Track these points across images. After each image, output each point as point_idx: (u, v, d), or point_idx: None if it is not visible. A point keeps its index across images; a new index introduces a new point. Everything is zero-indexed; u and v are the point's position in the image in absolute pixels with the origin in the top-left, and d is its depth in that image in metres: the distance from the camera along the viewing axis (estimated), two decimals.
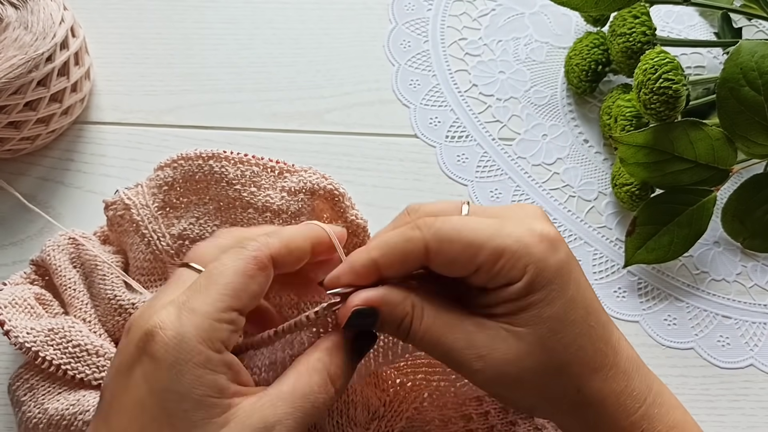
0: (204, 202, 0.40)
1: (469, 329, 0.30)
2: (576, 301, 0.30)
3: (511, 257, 0.29)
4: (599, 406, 0.30)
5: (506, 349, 0.29)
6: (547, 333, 0.29)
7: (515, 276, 0.29)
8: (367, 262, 0.29)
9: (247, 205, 0.39)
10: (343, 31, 0.57)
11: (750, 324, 0.47)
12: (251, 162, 0.39)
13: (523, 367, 0.29)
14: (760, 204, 0.46)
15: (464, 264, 0.29)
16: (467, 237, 0.29)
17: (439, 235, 0.29)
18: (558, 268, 0.29)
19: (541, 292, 0.29)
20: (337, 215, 0.39)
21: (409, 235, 0.29)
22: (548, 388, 0.30)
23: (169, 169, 0.40)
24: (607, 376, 0.30)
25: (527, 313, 0.29)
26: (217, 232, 0.34)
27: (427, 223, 0.29)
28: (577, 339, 0.30)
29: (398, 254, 0.29)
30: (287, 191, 0.38)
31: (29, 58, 0.43)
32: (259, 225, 0.38)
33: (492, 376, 0.29)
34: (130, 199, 0.41)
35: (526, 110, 0.54)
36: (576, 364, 0.30)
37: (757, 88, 0.42)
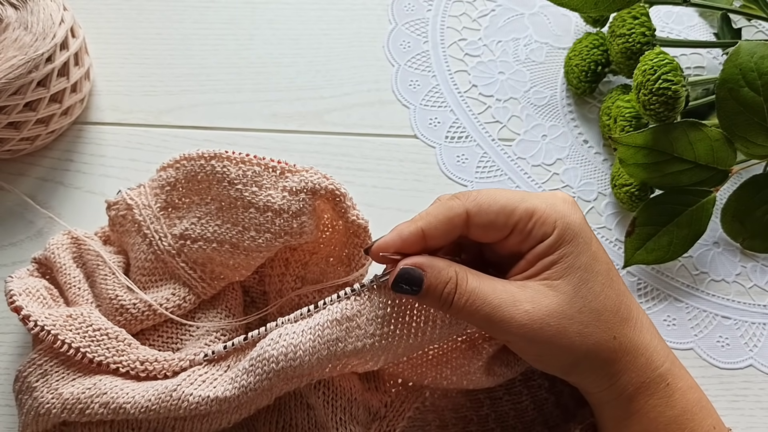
0: (206, 202, 0.40)
1: (512, 289, 0.32)
2: (598, 256, 0.33)
3: (542, 215, 0.32)
4: (631, 355, 0.32)
5: (548, 301, 0.32)
6: (579, 282, 0.32)
7: (547, 231, 0.32)
8: (415, 229, 0.32)
9: (248, 205, 0.39)
10: (342, 31, 0.57)
11: (749, 324, 0.47)
12: (253, 162, 0.39)
13: (564, 316, 0.32)
14: (760, 204, 0.46)
15: (501, 225, 0.32)
16: (501, 201, 0.32)
17: (478, 201, 0.32)
18: (581, 224, 0.33)
19: (571, 244, 0.32)
20: (338, 215, 0.39)
21: (450, 204, 0.33)
22: (589, 335, 0.32)
23: (171, 169, 0.41)
24: (635, 327, 0.33)
25: (561, 264, 0.32)
26: None
27: (465, 194, 0.33)
28: (604, 289, 0.32)
29: (442, 221, 0.32)
30: (288, 191, 0.38)
31: (29, 59, 0.43)
32: (261, 224, 0.39)
33: (537, 330, 0.31)
34: (132, 200, 0.41)
35: (525, 111, 0.54)
36: (608, 312, 0.32)
37: (757, 88, 0.42)
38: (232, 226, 0.39)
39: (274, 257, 0.42)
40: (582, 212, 0.34)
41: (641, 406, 0.33)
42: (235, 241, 0.39)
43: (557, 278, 0.32)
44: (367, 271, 0.41)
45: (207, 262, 0.40)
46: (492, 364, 0.37)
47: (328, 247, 0.41)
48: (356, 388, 0.39)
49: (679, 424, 0.33)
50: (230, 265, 0.40)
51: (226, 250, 0.39)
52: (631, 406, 0.33)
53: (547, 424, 0.40)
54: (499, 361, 0.37)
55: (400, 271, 0.32)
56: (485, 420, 0.40)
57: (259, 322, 0.42)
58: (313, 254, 0.41)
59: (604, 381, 0.33)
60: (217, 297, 0.41)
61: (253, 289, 0.44)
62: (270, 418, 0.39)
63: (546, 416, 0.40)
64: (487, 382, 0.37)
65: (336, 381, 0.38)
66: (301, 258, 0.42)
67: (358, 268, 0.40)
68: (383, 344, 0.33)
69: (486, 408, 0.41)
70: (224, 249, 0.39)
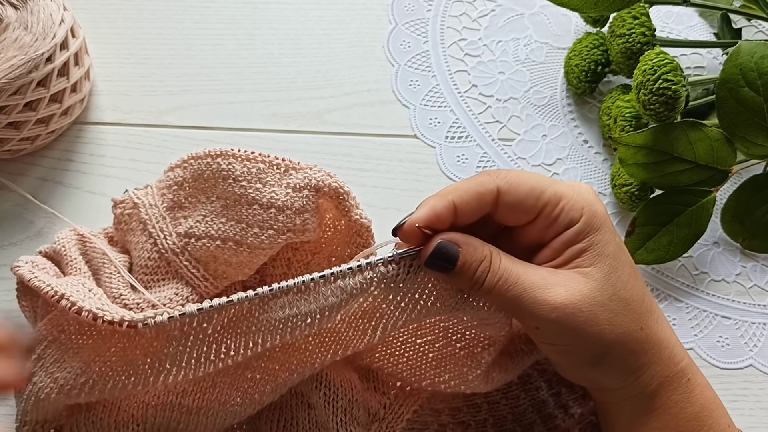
0: (211, 200, 0.40)
1: (544, 273, 0.32)
2: (622, 247, 0.33)
3: (570, 199, 0.32)
4: (657, 347, 0.32)
5: (581, 287, 0.31)
6: (609, 270, 0.32)
7: (574, 217, 0.32)
8: (447, 203, 0.31)
9: (252, 201, 0.39)
10: (342, 31, 0.57)
11: (749, 324, 0.47)
12: (258, 159, 0.39)
13: (596, 303, 0.31)
14: (760, 204, 0.46)
15: (530, 207, 0.32)
16: (531, 182, 0.32)
17: (509, 179, 0.32)
18: (605, 214, 0.33)
19: (599, 232, 0.32)
20: (341, 214, 0.39)
21: (481, 179, 0.32)
22: (618, 323, 0.31)
23: (179, 169, 0.41)
24: (657, 319, 0.33)
25: (591, 252, 0.32)
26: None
27: (494, 171, 0.33)
28: (630, 279, 0.32)
29: (473, 196, 0.32)
30: (292, 188, 0.38)
31: (29, 59, 0.43)
32: (264, 220, 0.39)
33: (569, 315, 0.31)
34: (139, 199, 0.41)
35: (525, 111, 0.54)
36: (635, 301, 0.32)
37: (757, 88, 0.42)
38: (236, 223, 0.39)
39: (276, 257, 0.42)
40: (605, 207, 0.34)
41: (663, 402, 0.33)
42: (239, 238, 0.39)
43: (588, 265, 0.32)
44: None
45: (210, 260, 0.40)
46: (490, 371, 0.37)
47: (330, 247, 0.41)
48: (357, 389, 0.39)
49: (699, 420, 0.33)
50: (233, 263, 0.40)
51: (229, 248, 0.39)
52: (653, 402, 0.33)
53: (546, 426, 0.40)
54: (498, 367, 0.37)
55: (438, 246, 0.31)
56: (483, 424, 0.40)
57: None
58: (315, 254, 0.41)
59: (629, 375, 0.33)
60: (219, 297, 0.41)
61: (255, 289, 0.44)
62: (272, 416, 0.39)
63: (545, 418, 0.40)
64: (485, 387, 0.38)
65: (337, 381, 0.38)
66: (303, 258, 0.42)
67: None
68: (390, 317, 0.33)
69: (484, 412, 0.41)
70: (228, 246, 0.39)
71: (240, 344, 0.33)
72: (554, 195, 0.32)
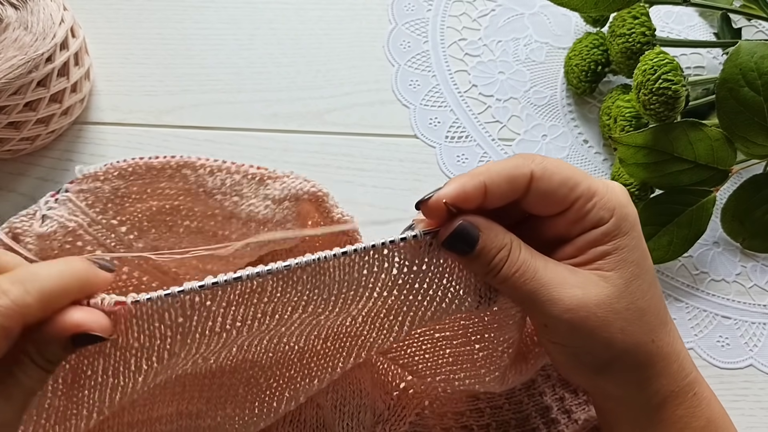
0: (174, 207, 0.38)
1: (563, 271, 0.31)
2: (647, 255, 0.32)
3: (603, 197, 0.31)
4: (665, 361, 0.31)
5: (598, 291, 0.30)
6: (631, 277, 0.31)
7: (605, 216, 0.31)
8: (478, 183, 0.30)
9: (229, 215, 0.37)
10: (342, 31, 0.57)
11: (749, 324, 0.47)
12: (230, 170, 0.37)
13: (611, 309, 0.30)
14: (760, 204, 0.46)
15: (561, 198, 0.31)
16: (566, 172, 0.31)
17: (543, 165, 0.30)
18: (636, 217, 0.32)
19: (627, 236, 0.31)
20: (323, 216, 0.38)
21: (516, 162, 0.30)
22: (631, 334, 0.31)
23: (118, 179, 0.37)
24: (670, 331, 0.32)
25: (615, 256, 0.31)
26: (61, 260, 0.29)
27: (530, 155, 0.31)
28: (650, 288, 0.31)
29: (505, 179, 0.30)
30: (272, 200, 0.37)
31: (29, 59, 0.43)
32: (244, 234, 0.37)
33: (582, 318, 0.30)
34: (71, 221, 0.37)
35: (525, 111, 0.54)
36: (651, 313, 0.31)
37: (757, 88, 0.42)
38: (211, 235, 0.38)
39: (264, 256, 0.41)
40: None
41: (668, 416, 0.32)
42: (218, 252, 0.38)
43: (610, 270, 0.30)
44: None
45: (180, 265, 0.39)
46: (507, 373, 0.36)
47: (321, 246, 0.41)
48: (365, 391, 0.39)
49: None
50: (208, 270, 0.39)
51: (210, 258, 0.38)
52: (658, 415, 0.32)
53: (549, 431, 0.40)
54: (513, 369, 0.36)
55: (459, 226, 0.29)
56: (486, 429, 0.40)
57: None
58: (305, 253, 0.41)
59: (634, 385, 0.32)
60: None
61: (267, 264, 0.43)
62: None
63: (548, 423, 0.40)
64: (499, 389, 0.36)
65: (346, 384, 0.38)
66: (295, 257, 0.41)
67: None
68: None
69: (487, 417, 0.40)
70: (202, 256, 0.38)
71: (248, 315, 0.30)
72: (588, 190, 0.30)
